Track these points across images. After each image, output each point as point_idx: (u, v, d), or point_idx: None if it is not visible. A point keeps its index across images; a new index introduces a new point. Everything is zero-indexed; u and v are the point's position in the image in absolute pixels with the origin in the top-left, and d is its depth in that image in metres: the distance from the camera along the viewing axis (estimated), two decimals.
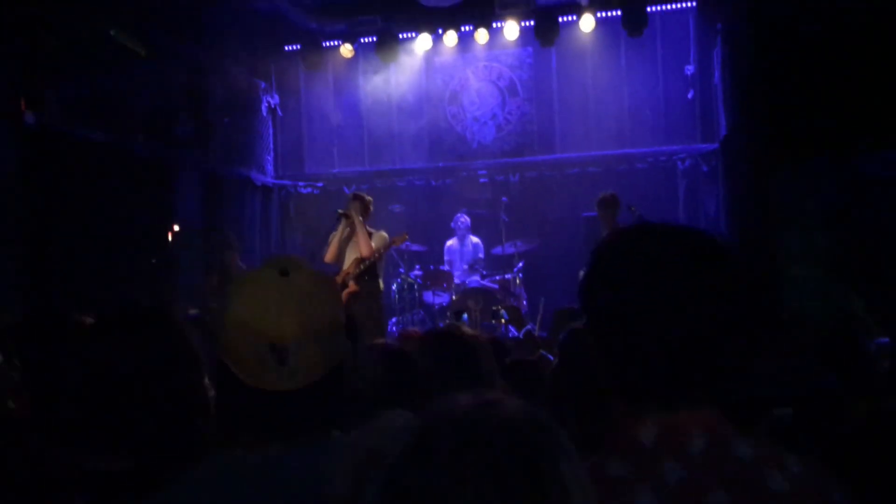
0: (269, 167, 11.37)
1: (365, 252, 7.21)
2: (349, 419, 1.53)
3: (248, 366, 1.41)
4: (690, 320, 1.19)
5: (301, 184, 11.47)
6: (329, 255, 7.46)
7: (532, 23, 9.63)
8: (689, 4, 9.88)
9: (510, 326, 7.63)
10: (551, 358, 4.13)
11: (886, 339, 4.32)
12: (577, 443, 0.96)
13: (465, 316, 5.64)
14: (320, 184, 11.37)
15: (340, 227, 7.46)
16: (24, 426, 2.19)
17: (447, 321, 8.88)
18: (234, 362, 1.43)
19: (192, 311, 5.17)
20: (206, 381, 1.84)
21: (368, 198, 7.62)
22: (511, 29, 9.70)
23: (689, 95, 10.21)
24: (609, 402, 1.28)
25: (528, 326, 4.88)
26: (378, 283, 7.42)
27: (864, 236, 6.61)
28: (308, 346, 1.41)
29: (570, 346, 2.92)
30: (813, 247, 6.63)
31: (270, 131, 11.39)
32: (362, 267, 7.22)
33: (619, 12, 9.23)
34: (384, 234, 7.44)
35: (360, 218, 7.29)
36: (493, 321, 6.82)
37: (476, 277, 9.53)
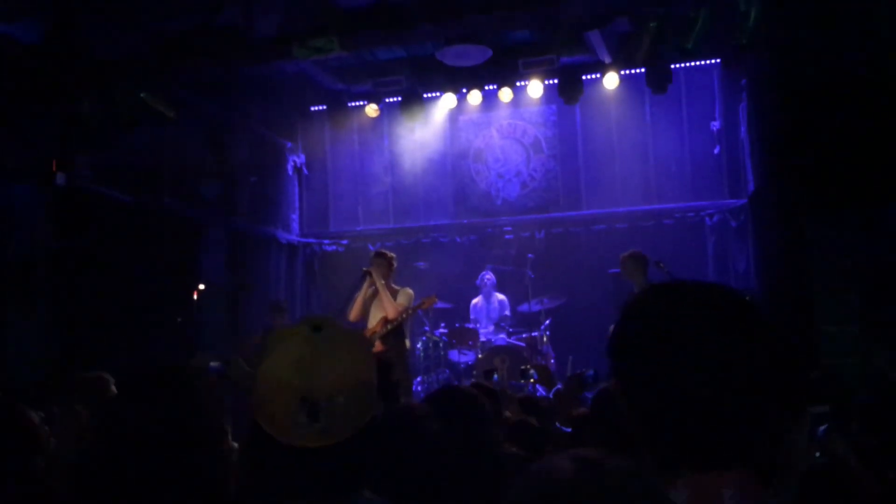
0: (295, 225, 11.47)
1: (391, 314, 7.18)
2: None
3: (279, 422, 1.41)
4: (721, 380, 1.17)
5: (326, 241, 11.53)
6: (353, 313, 7.43)
7: (556, 81, 9.70)
8: (712, 61, 9.91)
9: (538, 386, 7.50)
10: (567, 430, 4.03)
11: None
12: None
13: (496, 376, 5.55)
14: (345, 241, 11.43)
15: (364, 286, 7.44)
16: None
17: (474, 380, 8.77)
18: (265, 418, 1.43)
19: (214, 364, 5.15)
20: (229, 438, 1.82)
21: (391, 255, 7.61)
22: (535, 87, 9.78)
23: (716, 151, 10.19)
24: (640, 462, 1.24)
25: (558, 386, 4.79)
26: (404, 343, 7.37)
27: None
28: (339, 404, 1.41)
29: (601, 407, 2.84)
30: (847, 302, 6.49)
31: (296, 190, 11.53)
32: (388, 327, 7.18)
33: (643, 70, 9.27)
34: (409, 290, 7.41)
35: (383, 281, 7.28)
36: (522, 381, 6.72)
37: (503, 335, 9.43)
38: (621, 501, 0.89)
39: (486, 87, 10.04)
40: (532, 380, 5.87)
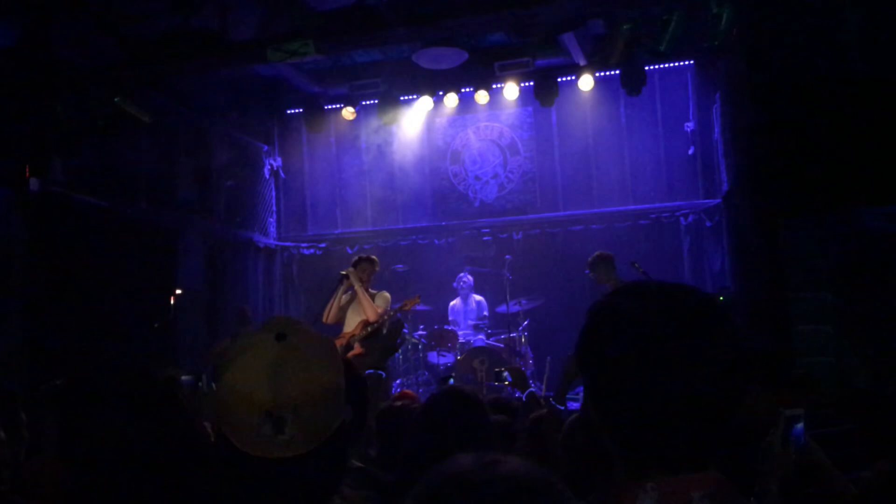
0: (272, 229, 11.42)
1: (371, 317, 7.17)
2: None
3: (244, 434, 1.37)
4: (688, 382, 1.16)
5: (304, 245, 11.49)
6: (330, 316, 7.42)
7: (531, 83, 9.74)
8: (686, 62, 10.00)
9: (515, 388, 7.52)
10: (561, 408, 4.06)
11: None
12: None
13: (452, 381, 5.54)
14: (323, 245, 11.40)
15: (341, 289, 7.43)
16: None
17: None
18: (230, 430, 1.39)
19: (185, 378, 5.10)
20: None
21: (374, 259, 7.61)
22: (511, 90, 9.81)
23: (690, 151, 10.27)
24: (610, 466, 1.24)
25: (531, 389, 4.80)
26: None
27: (871, 291, 6.55)
28: (305, 414, 1.37)
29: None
30: (821, 302, 6.57)
31: (273, 193, 11.48)
32: (368, 330, 7.18)
33: (617, 72, 9.33)
34: (386, 294, 7.41)
35: (361, 284, 7.27)
36: (496, 382, 6.75)
37: (481, 336, 9.45)
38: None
39: (463, 90, 10.06)
40: (506, 382, 5.88)
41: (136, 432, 1.69)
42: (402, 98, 10.28)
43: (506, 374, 5.21)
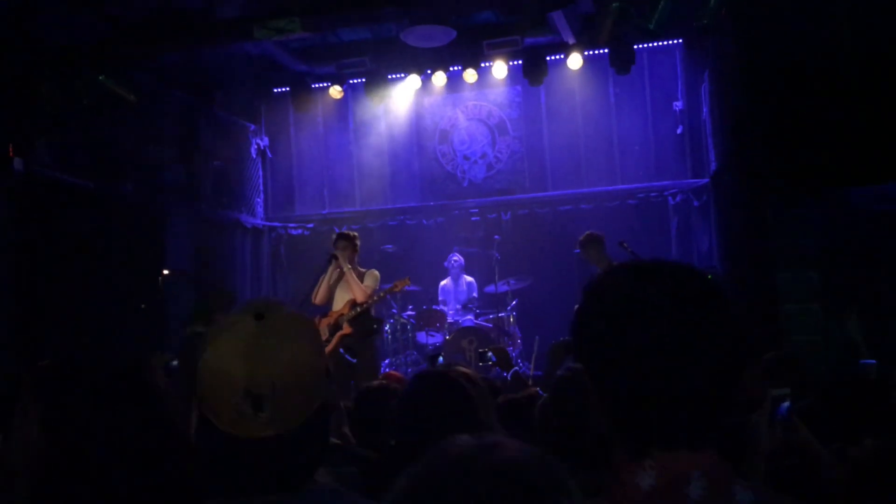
0: (260, 209, 11.36)
1: (360, 297, 7.17)
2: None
3: (224, 414, 1.38)
4: (686, 360, 1.16)
5: (291, 225, 11.44)
6: (319, 296, 7.41)
7: (520, 62, 9.69)
8: (675, 41, 9.97)
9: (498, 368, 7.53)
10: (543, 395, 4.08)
11: (873, 361, 4.41)
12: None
13: (441, 359, 5.54)
14: (311, 225, 11.35)
15: (330, 269, 7.42)
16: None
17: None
18: (210, 411, 1.40)
19: (175, 363, 5.09)
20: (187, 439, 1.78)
21: (354, 234, 7.59)
22: (499, 68, 9.77)
23: (679, 131, 10.26)
24: (600, 445, 1.24)
25: (516, 368, 4.82)
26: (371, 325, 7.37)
27: (858, 269, 6.59)
28: (285, 393, 1.37)
29: (566, 385, 2.84)
30: (808, 281, 6.61)
31: (260, 173, 11.41)
32: (357, 310, 7.19)
33: (606, 50, 9.29)
34: (375, 272, 7.41)
35: (349, 265, 7.26)
36: (480, 363, 6.76)
37: (470, 317, 9.46)
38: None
39: (451, 69, 10.00)
40: (490, 362, 5.91)
41: (102, 419, 1.68)
42: (390, 77, 10.22)
43: (489, 354, 5.22)
